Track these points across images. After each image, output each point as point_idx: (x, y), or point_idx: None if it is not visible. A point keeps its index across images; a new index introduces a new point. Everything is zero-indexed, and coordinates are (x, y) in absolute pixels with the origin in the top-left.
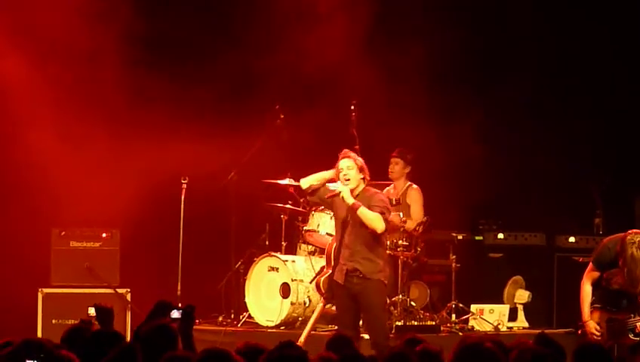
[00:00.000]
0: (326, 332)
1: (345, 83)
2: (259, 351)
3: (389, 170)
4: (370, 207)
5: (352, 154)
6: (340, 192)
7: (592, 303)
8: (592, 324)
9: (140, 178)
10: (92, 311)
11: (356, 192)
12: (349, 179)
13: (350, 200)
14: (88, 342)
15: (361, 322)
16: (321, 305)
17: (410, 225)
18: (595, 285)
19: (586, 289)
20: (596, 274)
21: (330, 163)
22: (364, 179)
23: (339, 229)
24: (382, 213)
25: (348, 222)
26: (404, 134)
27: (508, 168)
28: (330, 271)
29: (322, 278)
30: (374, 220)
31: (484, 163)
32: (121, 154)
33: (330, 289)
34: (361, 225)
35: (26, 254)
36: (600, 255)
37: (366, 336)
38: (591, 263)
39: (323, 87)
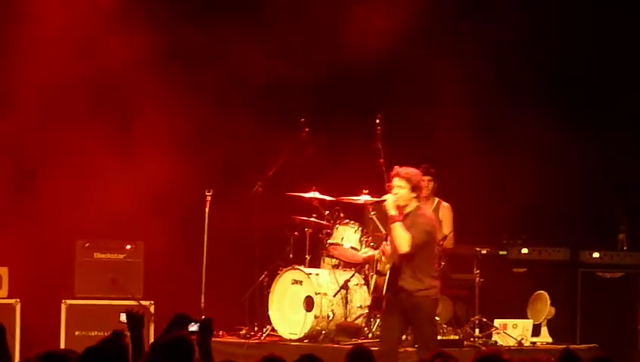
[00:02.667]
0: (348, 346)
1: (371, 96)
2: None
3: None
4: (410, 227)
5: (405, 172)
6: (385, 200)
7: None
8: None
9: (164, 190)
10: (123, 317)
11: (407, 210)
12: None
13: (391, 212)
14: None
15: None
16: None
17: (449, 243)
18: None
19: None
20: None
21: (354, 176)
22: (417, 197)
23: (392, 249)
24: (413, 237)
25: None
26: (429, 148)
27: (532, 183)
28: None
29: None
30: (401, 239)
31: (508, 177)
32: (146, 167)
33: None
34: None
35: (50, 265)
36: None
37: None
38: None
39: (348, 100)
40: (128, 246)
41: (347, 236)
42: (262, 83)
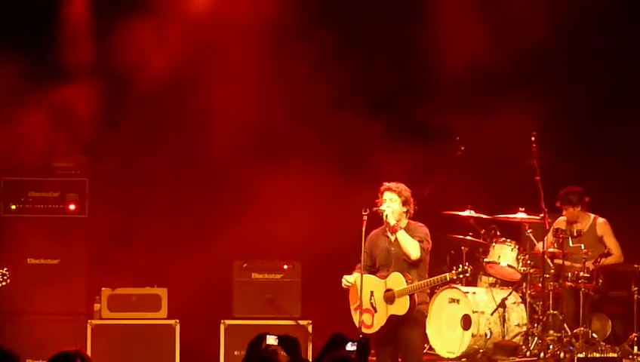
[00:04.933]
0: None
1: (524, 113)
2: None
3: (567, 215)
4: (413, 237)
5: (396, 186)
6: (383, 211)
7: None
8: None
9: (321, 210)
10: (271, 339)
11: (400, 225)
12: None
13: (392, 221)
14: None
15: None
16: None
17: (616, 257)
18: None
19: None
20: None
21: (510, 194)
22: (407, 212)
23: (381, 266)
24: (420, 241)
25: (390, 257)
26: (585, 164)
27: None
28: None
29: None
30: (411, 245)
31: None
32: (303, 187)
33: None
34: (400, 259)
35: (208, 286)
36: None
37: None
38: None
39: (503, 118)
40: (286, 266)
41: (504, 254)
42: (416, 99)
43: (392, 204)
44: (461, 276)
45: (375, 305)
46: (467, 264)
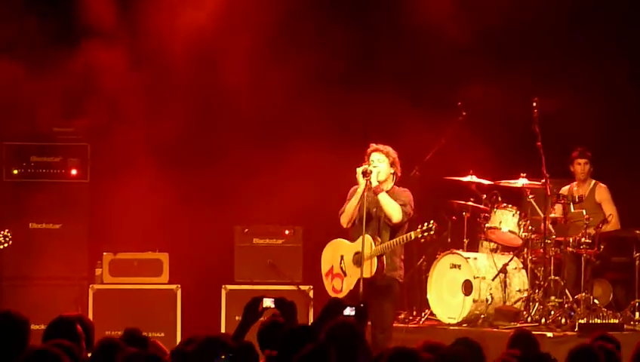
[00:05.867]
0: (507, 330)
1: (526, 78)
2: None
3: (579, 172)
4: (396, 200)
5: (384, 148)
6: (370, 171)
7: None
8: None
9: (322, 175)
10: (267, 302)
11: (385, 187)
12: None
13: (374, 183)
14: (282, 337)
15: None
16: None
17: (613, 224)
18: None
19: None
20: None
21: (511, 159)
22: (394, 174)
23: (365, 224)
24: (403, 205)
25: (369, 216)
26: (584, 130)
27: None
28: None
29: None
30: (393, 208)
31: None
32: (304, 153)
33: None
34: (381, 221)
35: (210, 251)
36: None
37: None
38: None
39: (504, 83)
40: (287, 232)
41: (505, 220)
42: (415, 65)
43: (379, 165)
44: (425, 234)
45: (345, 269)
46: (432, 221)
